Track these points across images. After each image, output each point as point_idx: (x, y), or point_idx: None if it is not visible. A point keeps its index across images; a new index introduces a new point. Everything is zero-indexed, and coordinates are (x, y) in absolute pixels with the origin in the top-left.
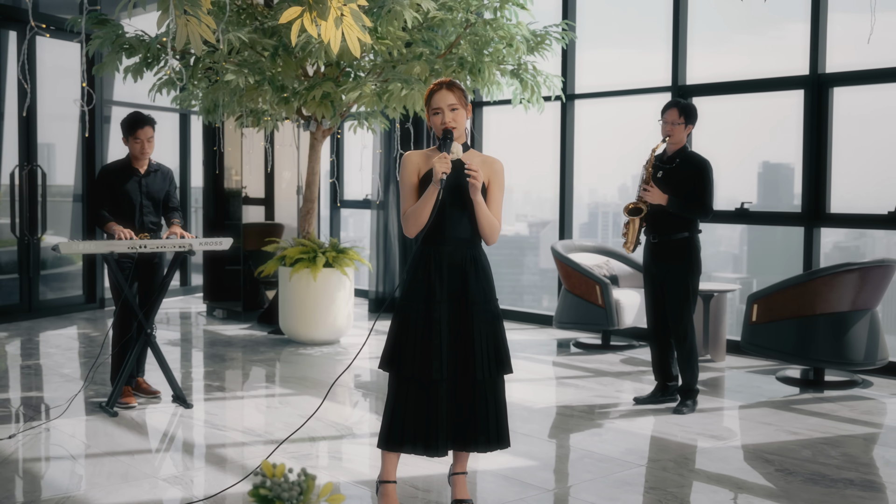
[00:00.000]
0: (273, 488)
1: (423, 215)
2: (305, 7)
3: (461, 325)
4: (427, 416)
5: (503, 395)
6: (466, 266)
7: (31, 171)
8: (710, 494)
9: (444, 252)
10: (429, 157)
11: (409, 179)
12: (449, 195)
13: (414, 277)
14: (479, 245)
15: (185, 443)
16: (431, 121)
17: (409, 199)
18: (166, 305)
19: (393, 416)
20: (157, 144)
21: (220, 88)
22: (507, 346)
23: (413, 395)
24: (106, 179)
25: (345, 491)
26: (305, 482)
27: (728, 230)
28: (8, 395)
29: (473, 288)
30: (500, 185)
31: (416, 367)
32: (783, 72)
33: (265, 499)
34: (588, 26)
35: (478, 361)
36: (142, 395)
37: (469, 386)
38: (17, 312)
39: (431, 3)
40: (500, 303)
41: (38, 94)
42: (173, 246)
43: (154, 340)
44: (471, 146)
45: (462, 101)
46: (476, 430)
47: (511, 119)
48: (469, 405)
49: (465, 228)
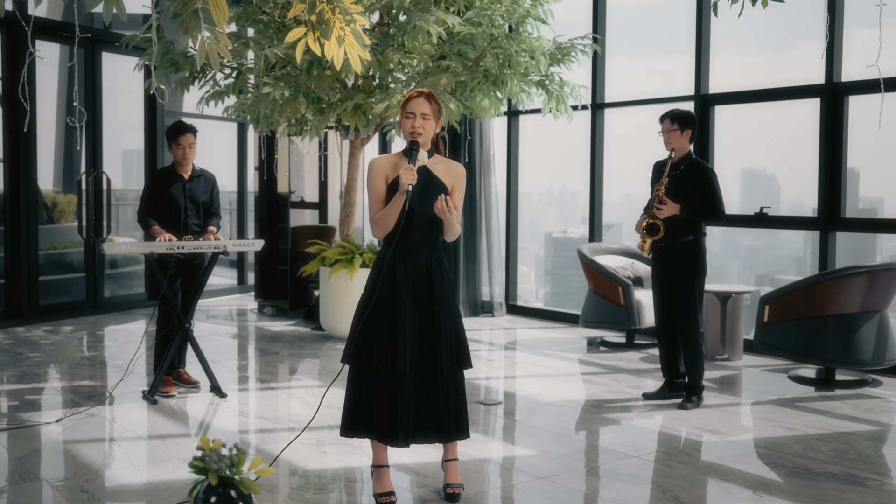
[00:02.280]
0: (206, 460)
1: (390, 222)
2: (309, 28)
3: (427, 323)
4: (388, 407)
5: (463, 388)
6: (432, 268)
7: (97, 177)
8: (691, 485)
9: (410, 254)
10: (395, 164)
11: (377, 186)
12: (415, 202)
13: (380, 277)
14: (441, 247)
15: (213, 429)
16: (402, 123)
17: (377, 204)
18: (223, 302)
19: (354, 406)
20: (216, 151)
21: (261, 101)
22: (467, 343)
23: (374, 387)
24: (153, 184)
25: (356, 475)
26: (237, 456)
27: (791, 234)
28: (65, 383)
29: (439, 289)
30: (461, 189)
31: (381, 360)
32: (800, 81)
33: (200, 469)
34: (617, 37)
35: (443, 357)
36: (182, 385)
37: (433, 380)
38: (84, 308)
39: (456, 19)
40: (567, 304)
41: (103, 105)
42: (208, 247)
43: (191, 334)
44: (436, 153)
45: (436, 113)
46: (438, 421)
47: (550, 127)
48: (433, 399)
49: (429, 233)
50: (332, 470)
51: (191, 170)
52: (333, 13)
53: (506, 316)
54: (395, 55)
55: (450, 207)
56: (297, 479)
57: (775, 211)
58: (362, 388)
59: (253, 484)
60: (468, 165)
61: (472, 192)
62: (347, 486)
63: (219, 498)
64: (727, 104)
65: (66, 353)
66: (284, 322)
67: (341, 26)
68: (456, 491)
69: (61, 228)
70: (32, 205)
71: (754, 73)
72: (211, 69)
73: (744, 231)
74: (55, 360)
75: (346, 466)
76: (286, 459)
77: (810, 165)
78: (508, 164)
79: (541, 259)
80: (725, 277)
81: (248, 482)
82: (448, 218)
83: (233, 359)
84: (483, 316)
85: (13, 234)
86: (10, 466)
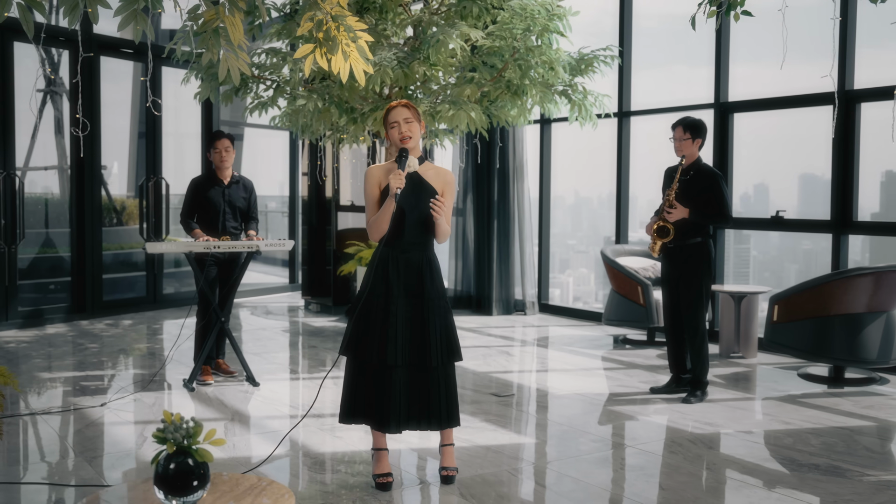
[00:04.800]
0: (166, 431)
1: (383, 224)
2: (317, 44)
3: (418, 318)
4: (382, 396)
5: (454, 379)
6: (422, 266)
7: (156, 182)
8: (675, 472)
9: (402, 254)
10: (388, 171)
11: (372, 192)
12: (406, 205)
13: (375, 275)
14: (432, 247)
15: (241, 414)
16: (389, 134)
17: (372, 208)
18: (275, 300)
19: (351, 395)
20: (270, 158)
21: (298, 111)
22: (457, 337)
23: (369, 378)
24: (194, 189)
25: (363, 458)
26: (193, 429)
27: (850, 239)
28: (117, 371)
29: (429, 286)
30: (451, 193)
31: (375, 353)
32: (814, 89)
33: (161, 439)
34: (643, 47)
35: (433, 350)
36: (220, 374)
37: (424, 372)
38: (144, 304)
39: (479, 33)
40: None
41: (163, 114)
42: (242, 247)
43: (227, 327)
44: (427, 159)
45: (416, 116)
46: (430, 410)
47: (594, 134)
48: (424, 389)
49: (420, 234)
50: (341, 452)
51: (230, 176)
52: (339, 31)
53: (538, 314)
54: (421, 67)
55: (440, 208)
56: (310, 459)
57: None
58: (358, 379)
59: (207, 453)
60: (500, 171)
61: (505, 196)
62: (354, 467)
63: (177, 465)
64: (745, 112)
65: (121, 345)
66: (327, 318)
67: (346, 42)
68: (450, 473)
69: (128, 230)
70: (97, 209)
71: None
72: (253, 81)
73: (801, 236)
74: (111, 351)
75: (355, 450)
76: (302, 442)
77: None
78: (541, 170)
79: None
80: (783, 281)
81: (202, 451)
82: (439, 218)
83: (273, 351)
84: (515, 314)
85: (79, 235)
86: (53, 445)
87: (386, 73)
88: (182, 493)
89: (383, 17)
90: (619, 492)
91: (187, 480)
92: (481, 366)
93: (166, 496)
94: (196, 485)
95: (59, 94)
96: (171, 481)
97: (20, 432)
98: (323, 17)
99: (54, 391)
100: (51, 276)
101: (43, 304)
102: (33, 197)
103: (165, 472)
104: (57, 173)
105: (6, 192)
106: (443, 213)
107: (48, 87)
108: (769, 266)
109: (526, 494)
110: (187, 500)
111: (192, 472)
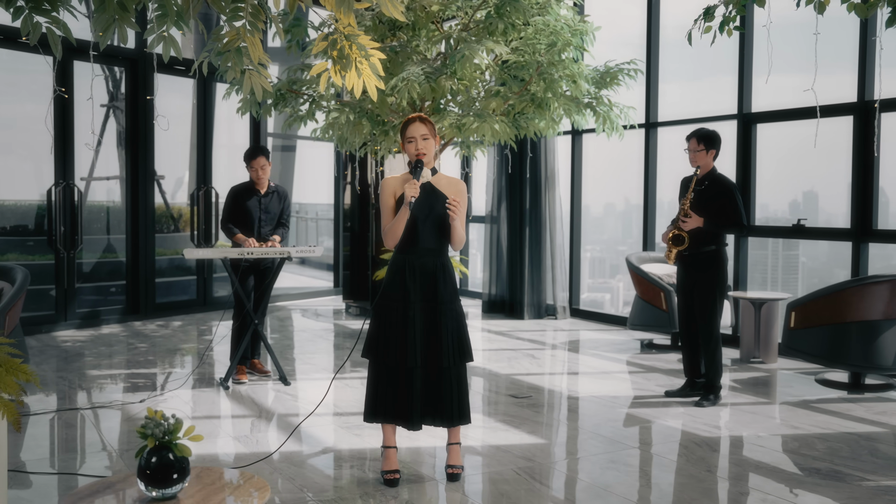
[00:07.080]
0: (147, 427)
1: (398, 231)
2: (331, 61)
3: (432, 321)
4: (403, 395)
5: (465, 379)
6: (436, 272)
7: (206, 191)
8: (676, 473)
9: (418, 260)
10: (403, 181)
11: (387, 201)
12: (421, 213)
13: (392, 281)
14: (447, 253)
15: (267, 411)
16: (406, 148)
17: (388, 216)
18: (319, 303)
19: (374, 395)
20: (316, 167)
21: (332, 124)
22: (469, 339)
23: (391, 379)
24: (233, 198)
25: (376, 455)
26: (173, 425)
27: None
28: (161, 369)
29: (442, 290)
30: (464, 199)
31: (394, 355)
32: (834, 99)
33: (144, 435)
34: (669, 59)
35: (444, 352)
36: (255, 374)
37: (437, 372)
38: (194, 306)
39: (504, 49)
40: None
41: (214, 127)
42: (275, 253)
43: (260, 329)
44: (438, 170)
45: (432, 132)
46: (443, 408)
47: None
48: (437, 388)
49: (434, 240)
50: (358, 449)
51: (266, 186)
52: (351, 49)
53: (569, 319)
54: (448, 82)
55: (455, 208)
56: (327, 455)
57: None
58: (380, 380)
59: (186, 448)
60: (531, 180)
61: (536, 204)
62: (366, 464)
63: (158, 458)
64: (768, 122)
65: (169, 345)
66: (366, 321)
67: (359, 60)
68: (455, 471)
69: (183, 237)
70: (150, 216)
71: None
72: (291, 96)
73: (848, 245)
74: (159, 350)
75: (371, 447)
76: (323, 439)
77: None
78: (572, 179)
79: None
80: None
81: (181, 446)
82: (454, 220)
83: (309, 352)
84: (546, 318)
85: (133, 241)
86: (90, 437)
87: (413, 87)
88: (162, 485)
89: (416, 34)
90: (619, 492)
91: (167, 473)
92: (505, 368)
93: (147, 488)
94: (176, 478)
95: (121, 108)
96: (152, 474)
97: (60, 426)
98: (337, 36)
99: (99, 388)
100: (110, 279)
101: (101, 306)
102: (96, 205)
103: (147, 465)
104: (118, 183)
105: (66, 202)
106: (458, 215)
107: (111, 102)
108: (818, 273)
109: (527, 494)
110: (167, 492)
111: (172, 465)
